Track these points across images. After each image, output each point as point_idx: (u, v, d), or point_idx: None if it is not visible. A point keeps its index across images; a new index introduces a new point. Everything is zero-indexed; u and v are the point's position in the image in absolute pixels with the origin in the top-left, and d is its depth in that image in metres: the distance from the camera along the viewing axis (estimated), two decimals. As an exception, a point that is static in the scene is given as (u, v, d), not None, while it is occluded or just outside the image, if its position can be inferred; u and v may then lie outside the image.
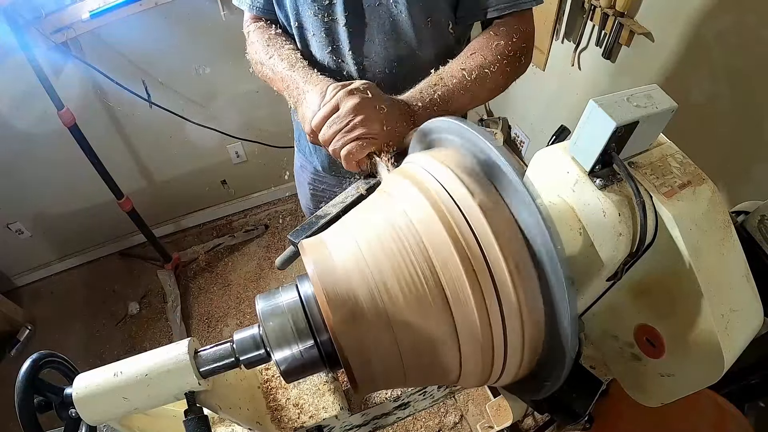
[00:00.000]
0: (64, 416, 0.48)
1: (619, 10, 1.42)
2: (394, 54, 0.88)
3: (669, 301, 0.49)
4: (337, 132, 0.66)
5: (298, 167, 1.25)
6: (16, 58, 1.44)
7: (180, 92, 1.92)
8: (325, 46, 0.88)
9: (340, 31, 0.86)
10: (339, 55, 0.89)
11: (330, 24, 0.86)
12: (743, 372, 1.06)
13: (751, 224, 0.67)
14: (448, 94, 0.76)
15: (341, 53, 0.88)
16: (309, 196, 1.26)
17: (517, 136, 2.42)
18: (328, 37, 0.87)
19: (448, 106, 0.76)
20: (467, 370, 0.44)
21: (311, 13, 0.86)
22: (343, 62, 0.89)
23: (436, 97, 0.75)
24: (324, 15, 0.85)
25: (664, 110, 0.45)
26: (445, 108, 0.75)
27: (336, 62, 0.90)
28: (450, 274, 0.40)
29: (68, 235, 2.25)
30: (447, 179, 0.43)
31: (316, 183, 1.21)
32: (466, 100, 0.79)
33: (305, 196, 1.28)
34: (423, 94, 0.75)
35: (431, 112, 0.74)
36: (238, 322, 2.12)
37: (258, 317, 0.46)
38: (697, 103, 1.30)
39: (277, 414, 0.68)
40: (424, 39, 0.88)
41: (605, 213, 0.45)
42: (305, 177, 1.22)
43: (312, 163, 1.16)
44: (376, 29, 0.85)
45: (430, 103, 0.74)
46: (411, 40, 0.87)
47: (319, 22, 0.86)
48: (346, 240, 0.45)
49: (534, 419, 1.60)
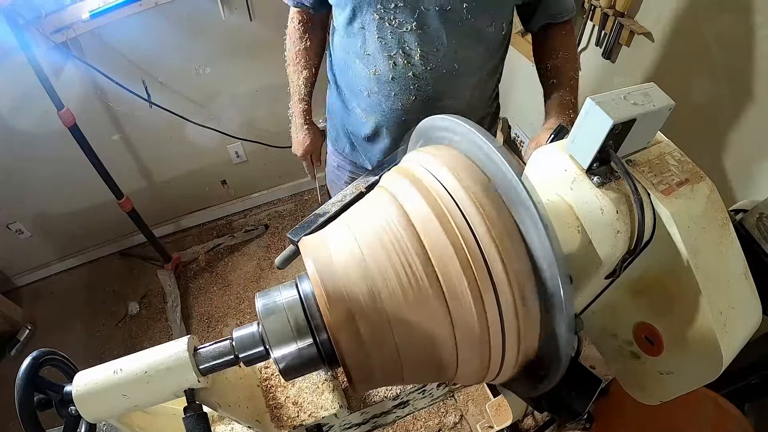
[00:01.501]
0: (64, 414, 0.48)
1: (619, 10, 1.42)
2: (459, 56, 0.93)
3: (667, 298, 0.50)
4: None
5: (334, 167, 1.27)
6: (16, 58, 1.44)
7: (180, 92, 1.92)
8: (389, 48, 0.91)
9: (406, 35, 0.89)
10: (405, 56, 0.92)
11: (397, 28, 0.89)
12: (743, 372, 1.06)
13: (749, 222, 0.67)
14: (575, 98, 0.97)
15: (408, 56, 0.92)
16: None
17: (517, 136, 2.42)
18: (394, 40, 0.90)
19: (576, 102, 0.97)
20: (464, 367, 0.44)
21: (377, 17, 0.88)
22: (410, 64, 0.93)
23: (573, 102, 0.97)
24: (392, 18, 0.88)
25: (662, 108, 0.45)
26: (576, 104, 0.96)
27: (401, 62, 0.93)
28: (448, 272, 0.40)
29: (68, 235, 2.25)
30: (444, 177, 0.43)
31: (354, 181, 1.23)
32: None
33: None
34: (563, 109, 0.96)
35: None
36: (238, 321, 2.12)
37: (257, 315, 0.46)
38: (697, 103, 1.30)
39: (277, 412, 0.68)
40: (485, 40, 0.94)
41: (603, 210, 0.45)
42: (342, 177, 1.24)
43: (353, 161, 1.19)
44: (444, 33, 0.89)
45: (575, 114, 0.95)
46: (474, 42, 0.93)
47: (385, 24, 0.89)
48: (346, 238, 0.45)
49: (534, 419, 1.59)
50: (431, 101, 0.98)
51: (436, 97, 0.97)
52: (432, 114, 0.85)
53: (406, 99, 0.97)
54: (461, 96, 1.00)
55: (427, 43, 0.90)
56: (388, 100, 0.98)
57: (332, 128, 1.21)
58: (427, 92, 0.96)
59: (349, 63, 1.00)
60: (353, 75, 1.00)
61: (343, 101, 1.10)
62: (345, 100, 1.09)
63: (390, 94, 0.97)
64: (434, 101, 0.98)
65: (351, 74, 1.01)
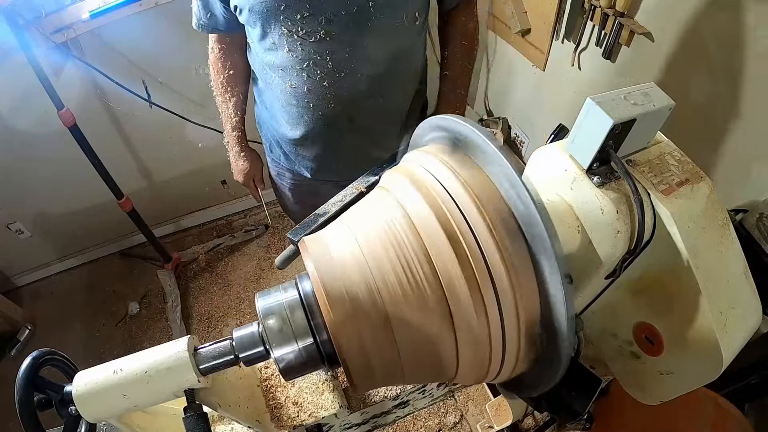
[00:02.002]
0: (64, 414, 0.48)
1: (619, 10, 1.42)
2: (374, 57, 0.91)
3: (667, 298, 0.50)
4: None
5: (275, 174, 1.27)
6: (16, 58, 1.44)
7: (180, 92, 1.92)
8: (300, 60, 0.89)
9: (315, 45, 0.86)
10: (317, 66, 0.89)
11: (305, 38, 0.86)
12: (743, 372, 1.06)
13: (749, 222, 0.67)
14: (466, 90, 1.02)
15: (320, 65, 0.89)
16: (292, 201, 1.27)
17: (517, 136, 2.42)
18: (304, 52, 0.87)
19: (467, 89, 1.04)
20: (465, 367, 0.44)
21: (285, 31, 0.85)
22: (323, 74, 0.90)
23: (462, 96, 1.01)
24: (299, 30, 0.85)
25: (662, 108, 0.45)
26: None
27: (314, 73, 0.90)
28: (448, 271, 0.40)
29: (68, 235, 2.25)
30: (444, 176, 0.43)
31: (296, 187, 1.23)
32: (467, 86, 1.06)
33: (289, 201, 1.29)
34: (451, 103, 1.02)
35: None
36: (238, 322, 2.12)
37: (257, 315, 0.46)
38: (697, 103, 1.30)
39: (277, 412, 0.68)
40: (398, 36, 0.92)
41: (603, 210, 0.45)
42: (285, 183, 1.23)
43: (290, 169, 1.18)
44: (354, 37, 0.86)
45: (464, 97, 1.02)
46: (387, 41, 0.90)
47: (294, 37, 0.86)
48: (346, 238, 0.45)
49: (534, 419, 1.59)
50: (353, 106, 0.96)
51: (356, 102, 0.95)
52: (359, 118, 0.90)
53: (326, 107, 0.95)
54: (385, 95, 0.98)
55: (337, 51, 0.87)
56: (308, 111, 0.96)
57: (265, 139, 1.20)
58: (345, 98, 0.94)
59: (266, 79, 0.99)
60: (272, 89, 0.99)
61: (269, 113, 1.08)
62: (270, 112, 1.08)
63: (308, 105, 0.95)
64: (356, 105, 0.96)
65: (270, 89, 1.00)
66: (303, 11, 0.82)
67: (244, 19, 0.90)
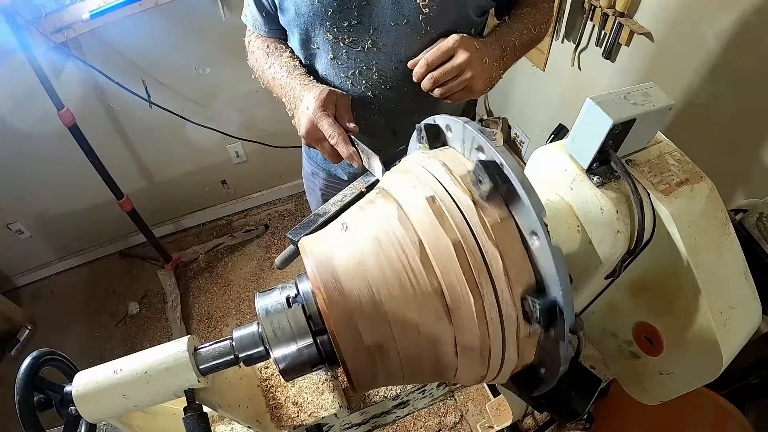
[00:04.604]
0: (64, 414, 0.48)
1: (619, 10, 1.42)
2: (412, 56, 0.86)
3: (667, 298, 0.50)
4: (446, 80, 0.77)
5: (309, 173, 1.24)
6: (16, 58, 1.44)
7: (180, 92, 1.93)
8: (345, 68, 0.86)
9: (361, 54, 0.84)
10: (362, 76, 0.87)
11: (351, 46, 0.84)
12: (743, 372, 1.06)
13: (749, 222, 0.67)
14: (521, 43, 0.87)
15: (365, 75, 0.87)
16: (321, 202, 1.25)
17: (517, 136, 2.42)
18: (350, 60, 0.85)
19: (518, 54, 0.88)
20: (465, 367, 0.44)
21: (331, 37, 0.83)
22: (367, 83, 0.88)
23: (517, 44, 0.86)
24: (345, 38, 0.83)
25: (662, 108, 0.45)
26: (517, 56, 0.87)
27: (358, 82, 0.88)
28: (448, 271, 0.40)
29: (68, 235, 2.25)
30: (445, 178, 0.43)
31: (329, 189, 1.21)
32: (526, 50, 0.91)
33: (317, 202, 1.28)
34: (504, 41, 0.85)
35: (510, 59, 0.85)
36: (238, 322, 2.12)
37: (257, 315, 0.46)
38: (697, 103, 1.30)
39: (277, 412, 0.68)
40: None
41: (603, 210, 0.45)
42: (317, 183, 1.22)
43: (326, 169, 1.15)
44: (402, 49, 0.83)
45: (511, 51, 0.85)
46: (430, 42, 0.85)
47: (339, 44, 0.84)
48: (346, 238, 0.45)
49: (534, 419, 1.59)
50: (397, 119, 0.93)
51: (399, 114, 0.92)
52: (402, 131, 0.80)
53: (369, 118, 0.92)
54: (428, 111, 0.91)
55: (383, 61, 0.84)
56: None
57: None
58: (390, 110, 0.91)
59: None
60: None
61: None
62: None
63: None
64: (400, 119, 0.93)
65: None
66: (351, 19, 0.80)
67: (285, 22, 0.87)
